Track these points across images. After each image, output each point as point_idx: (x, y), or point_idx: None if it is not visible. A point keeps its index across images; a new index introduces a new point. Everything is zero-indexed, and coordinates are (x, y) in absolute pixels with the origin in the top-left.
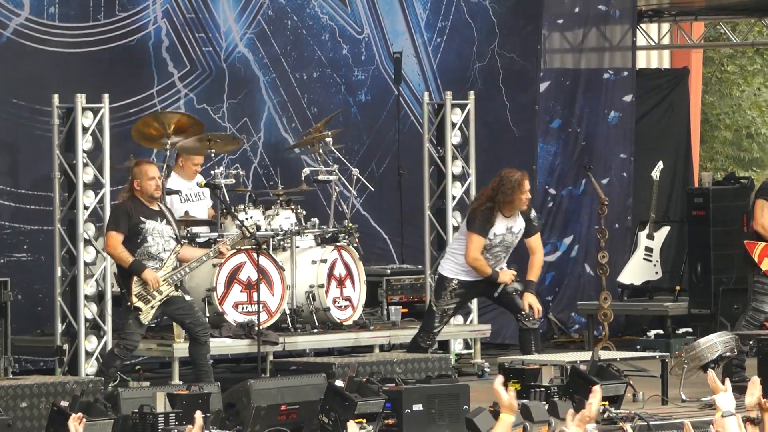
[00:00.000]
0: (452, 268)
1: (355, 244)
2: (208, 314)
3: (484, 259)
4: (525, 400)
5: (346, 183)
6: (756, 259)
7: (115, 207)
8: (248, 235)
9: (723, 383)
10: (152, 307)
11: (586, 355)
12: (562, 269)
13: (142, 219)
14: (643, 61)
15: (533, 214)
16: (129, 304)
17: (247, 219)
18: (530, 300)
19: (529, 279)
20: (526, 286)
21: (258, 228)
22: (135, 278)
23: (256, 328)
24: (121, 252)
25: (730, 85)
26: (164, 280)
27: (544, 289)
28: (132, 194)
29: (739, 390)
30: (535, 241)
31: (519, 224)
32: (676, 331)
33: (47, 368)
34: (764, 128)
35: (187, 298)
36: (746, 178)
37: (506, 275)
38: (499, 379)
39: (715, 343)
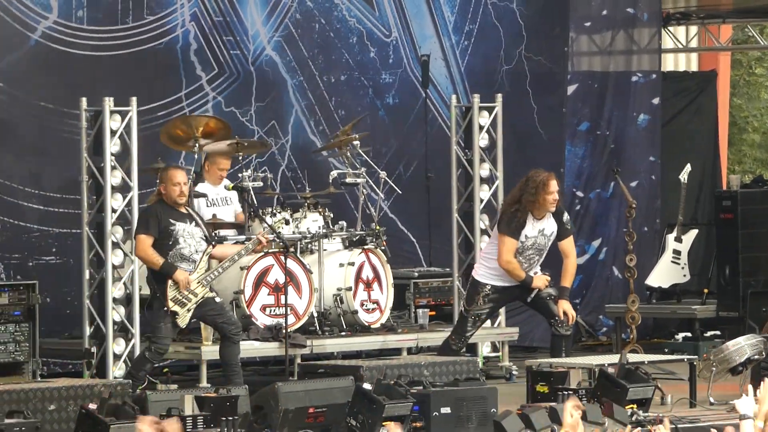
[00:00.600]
0: (485, 273)
1: (383, 247)
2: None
3: (517, 262)
4: (553, 403)
5: (374, 186)
6: None
7: (144, 210)
8: (278, 230)
9: (751, 387)
10: (188, 310)
11: (614, 358)
12: (590, 272)
13: (172, 221)
14: (671, 63)
15: (566, 217)
16: (165, 309)
17: (277, 214)
18: (565, 306)
19: (563, 285)
20: (560, 293)
21: (287, 222)
22: (170, 282)
23: (284, 331)
24: (152, 254)
25: (758, 88)
26: (198, 281)
27: (572, 291)
28: (161, 198)
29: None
30: (568, 245)
31: (551, 227)
32: (704, 334)
33: (75, 371)
34: None
35: (218, 299)
36: None
37: (540, 280)
38: (573, 402)
39: (744, 346)
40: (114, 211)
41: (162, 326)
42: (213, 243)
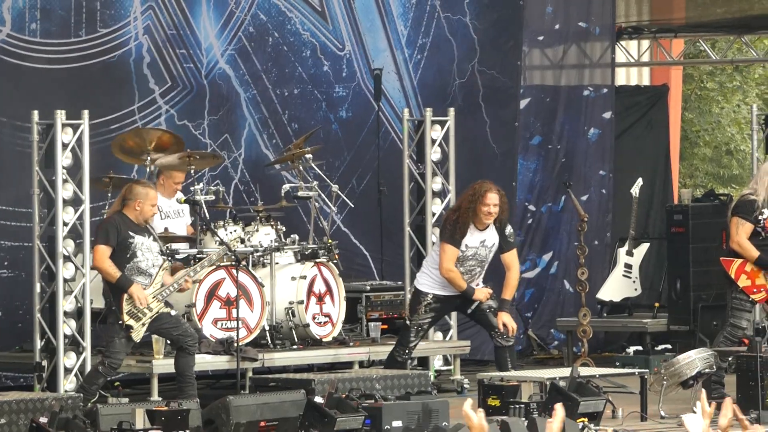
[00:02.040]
0: (428, 282)
1: (335, 261)
2: None
3: (458, 271)
4: (504, 417)
5: (326, 199)
6: (733, 276)
7: (105, 221)
8: (232, 250)
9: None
10: (143, 325)
11: (566, 372)
12: (541, 286)
13: (131, 234)
14: (622, 78)
15: (509, 230)
16: (120, 322)
17: (229, 233)
18: (505, 319)
19: (504, 297)
20: (500, 305)
21: (241, 242)
22: (125, 296)
23: (236, 345)
24: (109, 266)
25: (709, 102)
26: (154, 296)
27: (523, 305)
28: (120, 211)
29: (718, 407)
30: (511, 258)
31: (492, 238)
32: (655, 348)
33: (27, 384)
34: (743, 145)
35: (173, 312)
36: (725, 195)
37: (482, 293)
38: (468, 402)
39: (694, 359)
40: (65, 224)
41: (116, 341)
42: (167, 259)
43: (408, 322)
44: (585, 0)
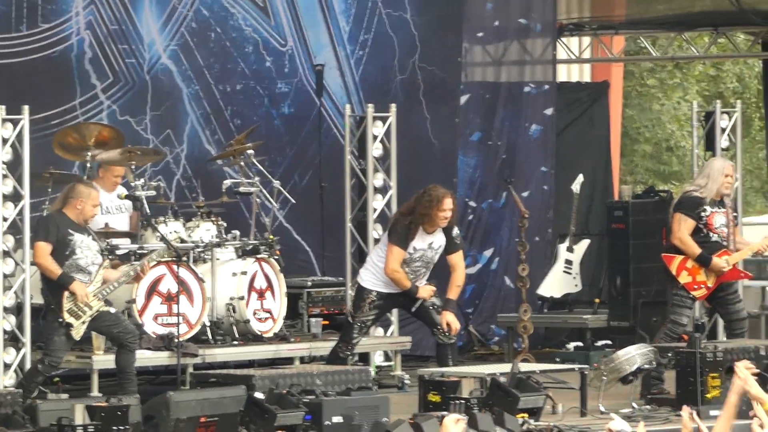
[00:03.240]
0: (371, 279)
1: (276, 257)
2: None
3: (403, 272)
4: (445, 413)
5: (268, 195)
6: (674, 273)
7: (44, 218)
8: (172, 247)
9: (641, 396)
10: (83, 323)
11: (506, 367)
12: (482, 282)
13: (71, 231)
14: (563, 74)
15: (455, 231)
16: (60, 320)
17: (171, 233)
18: (449, 318)
19: (448, 297)
20: (445, 304)
21: (181, 241)
22: (66, 294)
23: (176, 340)
24: (50, 263)
25: (650, 99)
26: (94, 294)
27: (464, 301)
28: (61, 209)
29: (658, 402)
30: (457, 259)
31: (439, 240)
32: (596, 344)
33: None
34: (684, 142)
35: (112, 310)
36: (666, 192)
37: (425, 290)
38: (452, 417)
39: (634, 355)
40: (5, 219)
41: (56, 338)
42: (107, 257)
43: (351, 319)
44: None
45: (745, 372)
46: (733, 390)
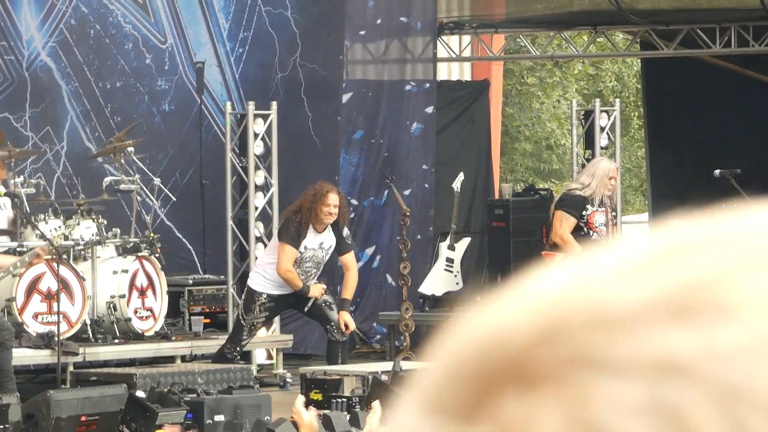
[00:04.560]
0: (261, 281)
1: (157, 254)
2: None
3: (295, 271)
4: (327, 411)
5: (149, 193)
6: None
7: None
8: (55, 245)
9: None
10: None
11: (388, 366)
12: (363, 279)
13: None
14: (444, 73)
15: (346, 231)
16: None
17: (53, 230)
18: (346, 318)
19: (344, 297)
20: (341, 304)
21: (66, 238)
22: None
23: (57, 339)
24: None
25: (529, 98)
26: None
27: None
28: None
29: None
30: (349, 259)
31: (329, 240)
32: None
33: None
34: (563, 140)
35: None
36: (546, 190)
37: (316, 289)
38: (300, 399)
39: None
40: None
41: None
42: None
43: (242, 320)
44: None
45: None
46: None
